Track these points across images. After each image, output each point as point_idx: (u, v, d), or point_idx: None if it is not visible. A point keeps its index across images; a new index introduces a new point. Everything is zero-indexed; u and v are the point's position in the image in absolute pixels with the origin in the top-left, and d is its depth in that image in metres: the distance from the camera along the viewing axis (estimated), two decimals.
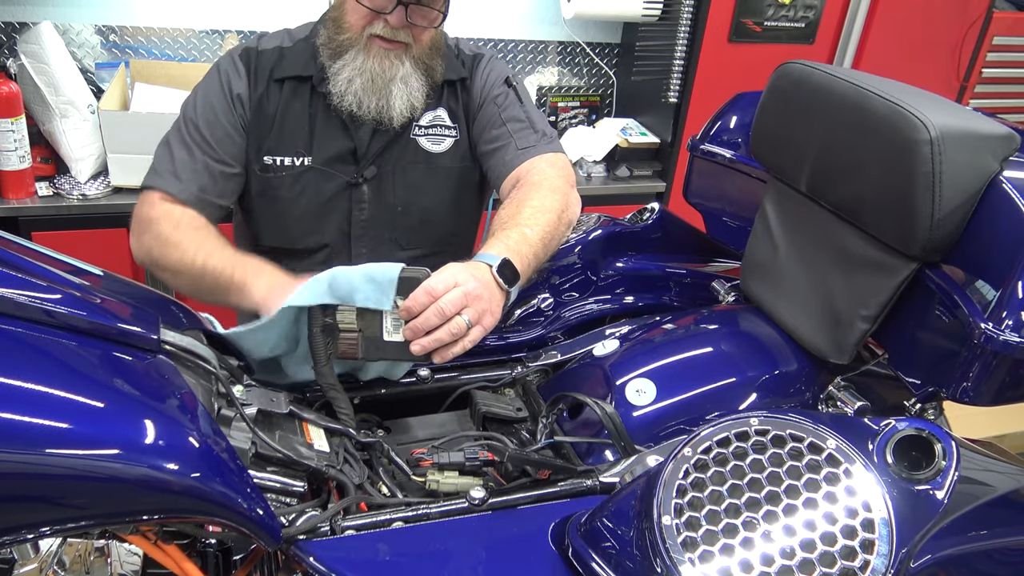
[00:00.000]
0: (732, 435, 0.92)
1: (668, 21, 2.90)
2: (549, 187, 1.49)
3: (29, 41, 2.35)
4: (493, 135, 1.62)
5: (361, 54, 1.50)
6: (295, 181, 1.58)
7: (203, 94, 1.56)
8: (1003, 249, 1.03)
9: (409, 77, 1.52)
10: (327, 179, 1.58)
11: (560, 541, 0.99)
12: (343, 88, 1.51)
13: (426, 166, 1.63)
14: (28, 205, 2.36)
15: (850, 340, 1.20)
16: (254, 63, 1.56)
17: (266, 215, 1.63)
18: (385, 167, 1.60)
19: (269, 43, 1.60)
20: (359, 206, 1.61)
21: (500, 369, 1.39)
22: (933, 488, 0.87)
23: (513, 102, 1.64)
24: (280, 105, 1.56)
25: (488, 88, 1.65)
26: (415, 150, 1.62)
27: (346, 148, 1.58)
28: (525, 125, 1.62)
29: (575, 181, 1.60)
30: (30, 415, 0.75)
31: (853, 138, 1.16)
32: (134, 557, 1.08)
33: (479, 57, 1.68)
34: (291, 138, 1.57)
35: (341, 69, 1.50)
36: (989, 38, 3.14)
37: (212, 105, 1.54)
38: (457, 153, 1.65)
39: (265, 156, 1.57)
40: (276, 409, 1.06)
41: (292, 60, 1.57)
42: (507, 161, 1.58)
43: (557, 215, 1.41)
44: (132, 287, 1.15)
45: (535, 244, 1.32)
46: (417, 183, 1.63)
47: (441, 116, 1.64)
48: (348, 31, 1.49)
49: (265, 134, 1.56)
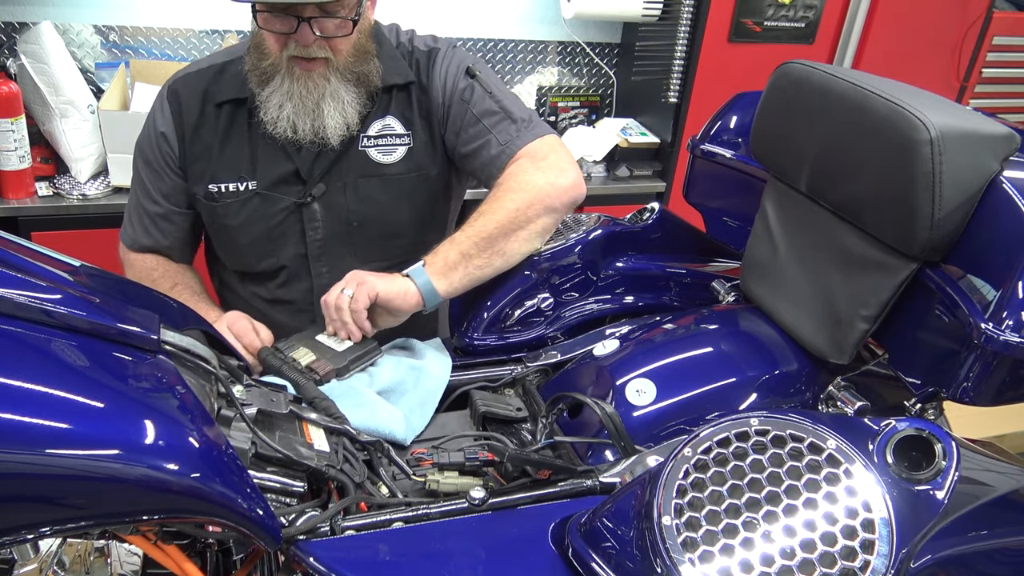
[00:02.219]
0: (732, 435, 0.92)
1: (668, 21, 2.90)
2: (506, 188, 1.48)
3: (29, 41, 2.35)
4: (471, 134, 1.56)
5: (287, 79, 1.45)
6: (241, 207, 1.55)
7: (139, 138, 1.60)
8: (1003, 249, 1.03)
9: (338, 91, 1.47)
10: (273, 202, 1.55)
11: (560, 541, 0.99)
12: (275, 115, 1.47)
13: (379, 178, 1.57)
14: (28, 205, 2.36)
15: (850, 340, 1.20)
16: (182, 94, 1.54)
17: (220, 242, 1.62)
18: (334, 183, 1.55)
19: (204, 63, 1.58)
20: (312, 225, 1.56)
21: (500, 369, 1.39)
22: (933, 488, 0.87)
23: (481, 95, 1.56)
24: (219, 131, 1.54)
25: (450, 85, 1.57)
26: (365, 163, 1.56)
27: (289, 170, 1.54)
28: (501, 116, 1.55)
29: (564, 163, 1.53)
30: (30, 415, 0.75)
31: (853, 138, 1.16)
32: (134, 557, 1.08)
33: (434, 52, 1.59)
34: (233, 164, 1.54)
35: (271, 96, 1.47)
36: (989, 38, 3.14)
37: (143, 148, 1.59)
38: (412, 161, 1.58)
39: (210, 184, 1.54)
40: (276, 409, 1.06)
41: (227, 83, 1.54)
42: (492, 159, 1.54)
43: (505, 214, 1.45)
44: (132, 287, 1.15)
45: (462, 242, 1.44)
46: (371, 196, 1.57)
47: (391, 124, 1.57)
48: (269, 56, 1.45)
49: (207, 161, 1.54)
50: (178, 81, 1.57)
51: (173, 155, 1.56)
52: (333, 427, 1.12)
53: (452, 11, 2.97)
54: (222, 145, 1.54)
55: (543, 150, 1.53)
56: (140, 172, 1.60)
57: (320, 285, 1.57)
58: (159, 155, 1.56)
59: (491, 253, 1.43)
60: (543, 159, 1.52)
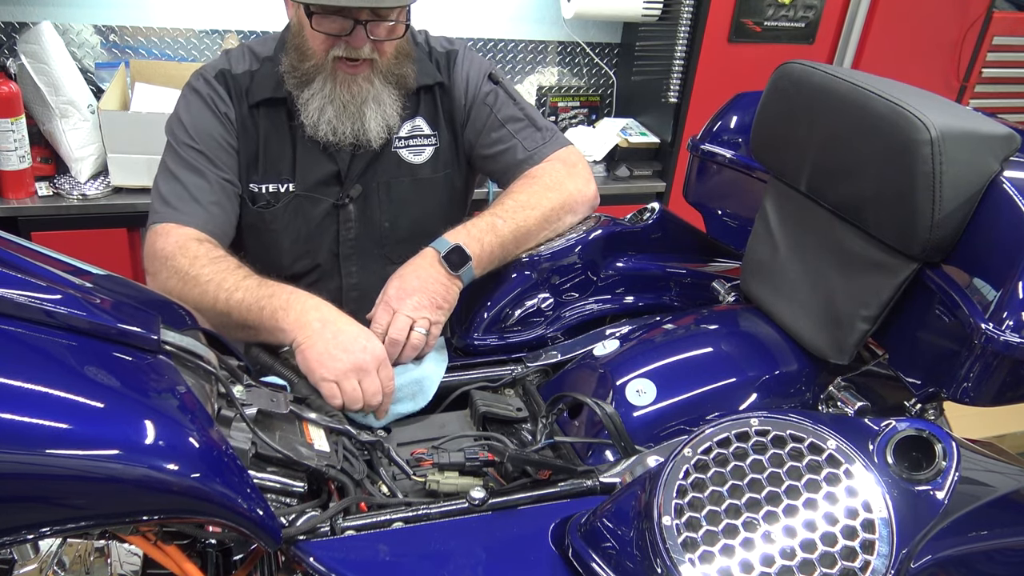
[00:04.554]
0: (732, 435, 0.92)
1: (668, 21, 2.90)
2: (544, 185, 1.50)
3: (29, 41, 2.35)
4: (493, 138, 1.59)
5: (329, 81, 1.45)
6: (284, 209, 1.54)
7: (191, 117, 1.50)
8: (1003, 249, 1.03)
9: (380, 95, 1.48)
10: (313, 204, 1.55)
11: (560, 541, 0.99)
12: (315, 118, 1.47)
13: (410, 179, 1.59)
14: (28, 205, 2.36)
15: (850, 340, 1.20)
16: (232, 85, 1.52)
17: (255, 244, 1.59)
18: (370, 184, 1.57)
19: (239, 66, 1.54)
20: (346, 226, 1.57)
21: (500, 369, 1.39)
22: (933, 488, 0.87)
23: (505, 100, 1.60)
24: (260, 131, 1.52)
25: (472, 87, 1.60)
26: (398, 164, 1.58)
27: (330, 171, 1.54)
28: (526, 123, 1.60)
29: (589, 175, 1.59)
30: (30, 415, 0.75)
31: (853, 138, 1.16)
32: (134, 557, 1.08)
33: (453, 54, 1.62)
34: (274, 165, 1.53)
35: (311, 99, 1.46)
36: (989, 38, 3.14)
37: (205, 126, 1.50)
38: (439, 161, 1.61)
39: (251, 184, 1.53)
40: (276, 409, 1.06)
41: (262, 83, 1.52)
42: (518, 163, 1.57)
43: (542, 212, 1.47)
44: (132, 287, 1.15)
45: (504, 235, 1.40)
46: (403, 197, 1.59)
47: (419, 125, 1.59)
48: (312, 58, 1.44)
49: (250, 160, 1.53)
50: (225, 72, 1.52)
51: (235, 139, 1.51)
52: (333, 427, 1.12)
53: (452, 11, 2.97)
54: (264, 146, 1.53)
55: (572, 159, 1.60)
56: (205, 151, 1.48)
57: (349, 284, 1.60)
58: (228, 135, 1.50)
59: (523, 244, 1.47)
60: (573, 167, 1.58)
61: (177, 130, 1.50)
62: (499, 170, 1.62)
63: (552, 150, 1.59)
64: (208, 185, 1.47)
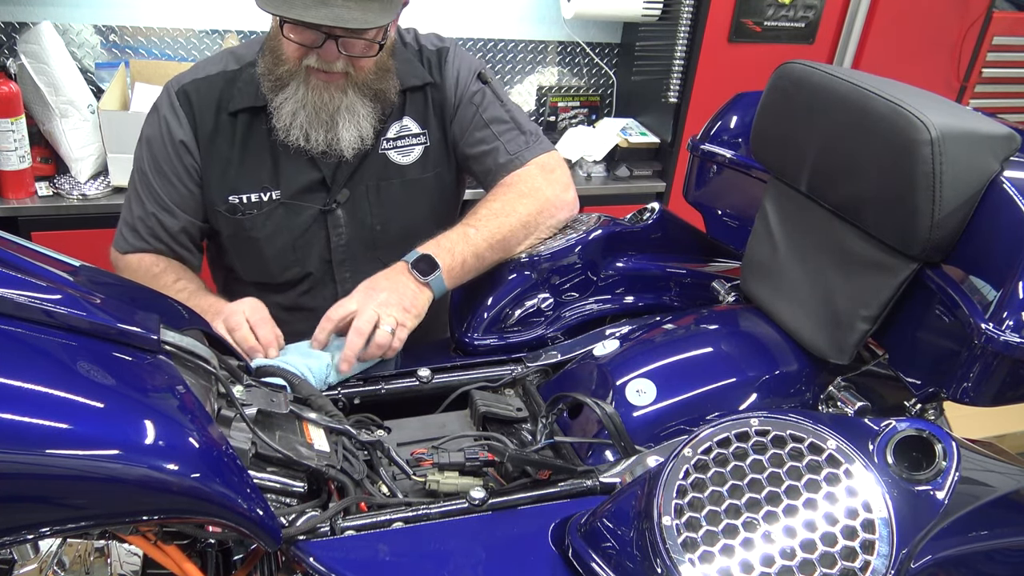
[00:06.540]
0: (732, 435, 0.92)
1: (668, 21, 2.90)
2: (518, 192, 1.50)
3: (29, 41, 2.35)
4: (477, 137, 1.58)
5: (302, 87, 1.42)
6: (267, 218, 1.52)
7: (147, 142, 1.51)
8: (1003, 249, 1.03)
9: (354, 106, 1.45)
10: (298, 211, 1.53)
11: (560, 541, 0.99)
12: (288, 122, 1.44)
13: (399, 180, 1.58)
14: (28, 205, 2.37)
15: (850, 340, 1.20)
16: (194, 100, 1.49)
17: (241, 254, 1.58)
18: (358, 188, 1.55)
19: (212, 68, 1.52)
20: (336, 231, 1.56)
21: (500, 369, 1.39)
22: (933, 488, 0.87)
23: (492, 101, 1.59)
24: (237, 140, 1.50)
25: (462, 86, 1.58)
26: (385, 165, 1.56)
27: (315, 178, 1.52)
28: (510, 126, 1.58)
29: (568, 180, 1.58)
30: (30, 415, 0.75)
31: (853, 138, 1.16)
32: (134, 557, 1.07)
33: (444, 51, 1.60)
34: (254, 174, 1.51)
35: (284, 103, 1.44)
36: (989, 38, 3.14)
37: (155, 155, 1.50)
38: (428, 160, 1.60)
39: (230, 196, 1.51)
40: (276, 409, 1.06)
41: (243, 90, 1.50)
42: (499, 165, 1.56)
43: (518, 219, 1.47)
44: (132, 287, 1.15)
45: (477, 243, 1.41)
46: (393, 199, 1.58)
47: (407, 125, 1.57)
48: (286, 63, 1.42)
49: (226, 172, 1.51)
50: (186, 86, 1.51)
51: (196, 165, 1.50)
52: (333, 427, 1.12)
53: (452, 11, 2.97)
54: (241, 155, 1.51)
55: (551, 164, 1.59)
56: (151, 181, 1.51)
57: (345, 290, 1.56)
58: (179, 165, 1.50)
59: (499, 254, 1.46)
60: (551, 172, 1.57)
61: (137, 152, 1.55)
62: (481, 171, 1.60)
63: (535, 154, 1.58)
64: (146, 219, 1.52)
